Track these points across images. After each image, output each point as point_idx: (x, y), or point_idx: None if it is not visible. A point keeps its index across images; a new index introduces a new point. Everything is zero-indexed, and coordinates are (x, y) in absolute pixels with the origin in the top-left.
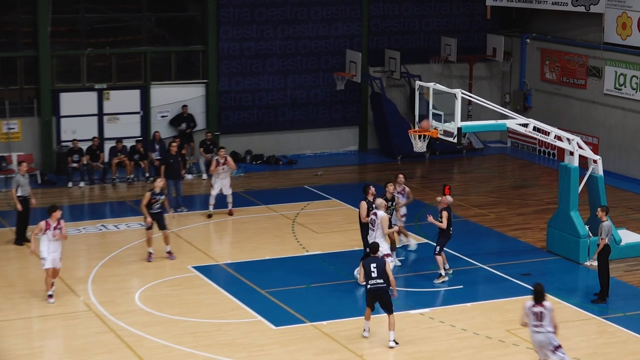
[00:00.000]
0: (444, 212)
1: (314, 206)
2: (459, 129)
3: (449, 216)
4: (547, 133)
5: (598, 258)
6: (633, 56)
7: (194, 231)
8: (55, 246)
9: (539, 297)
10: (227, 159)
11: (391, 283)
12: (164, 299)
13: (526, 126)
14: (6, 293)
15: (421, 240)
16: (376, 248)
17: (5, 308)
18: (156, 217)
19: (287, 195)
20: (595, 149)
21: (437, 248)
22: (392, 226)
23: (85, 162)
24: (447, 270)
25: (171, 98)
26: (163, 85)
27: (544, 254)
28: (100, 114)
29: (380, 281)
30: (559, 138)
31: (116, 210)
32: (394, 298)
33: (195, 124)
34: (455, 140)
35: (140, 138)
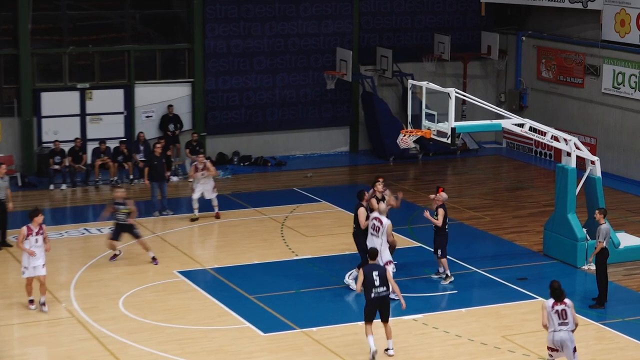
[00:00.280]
0: (440, 210)
1: (304, 209)
2: (453, 130)
3: (445, 214)
4: (544, 133)
5: (596, 262)
6: (632, 54)
7: (180, 235)
8: (38, 253)
9: (560, 295)
10: (207, 164)
11: (396, 291)
12: (149, 305)
13: (522, 126)
14: None
15: (414, 243)
16: (375, 254)
17: None
18: (123, 229)
19: (276, 197)
20: (593, 150)
21: (439, 252)
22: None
23: (67, 164)
24: (441, 273)
25: (156, 98)
26: (147, 84)
27: (541, 258)
28: (82, 114)
29: (383, 289)
30: (556, 138)
31: (99, 213)
32: (402, 309)
33: (181, 125)
34: (449, 140)
35: (124, 139)
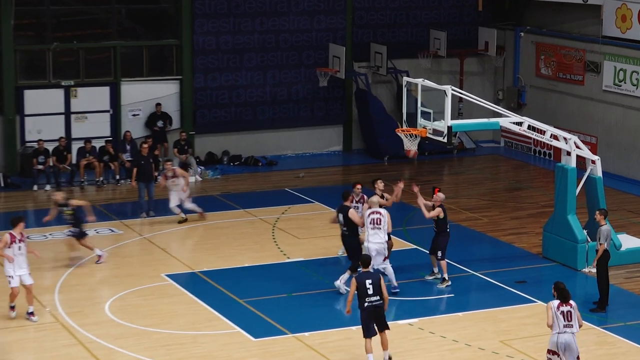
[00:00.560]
0: (438, 208)
1: (296, 210)
2: (449, 128)
3: (445, 213)
4: (543, 132)
5: (597, 264)
6: (633, 50)
7: (168, 237)
8: (20, 261)
9: (566, 296)
10: (176, 171)
11: (385, 300)
12: (136, 309)
13: (520, 125)
14: None
15: (409, 245)
16: (368, 261)
17: None
18: (76, 226)
19: (267, 198)
20: (593, 149)
21: (440, 253)
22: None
23: (51, 164)
24: (436, 274)
25: (143, 95)
26: (134, 81)
27: (540, 260)
28: (67, 113)
29: (377, 298)
30: (555, 137)
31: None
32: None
33: (171, 121)
34: (445, 139)
35: (110, 138)
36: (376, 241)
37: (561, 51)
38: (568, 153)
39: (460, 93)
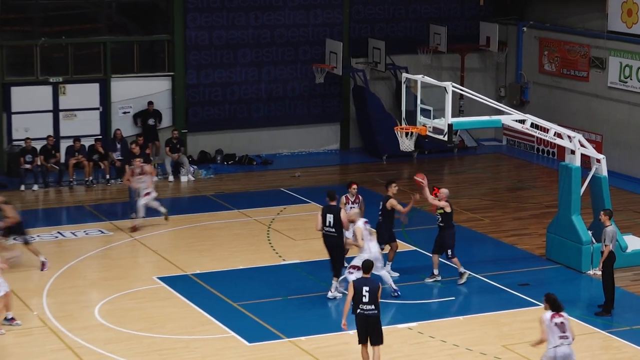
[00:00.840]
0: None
1: (291, 210)
2: (450, 126)
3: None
4: (546, 130)
5: (602, 266)
6: (639, 46)
7: (160, 238)
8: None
9: (558, 306)
10: (144, 168)
11: (344, 311)
12: (127, 313)
13: (523, 122)
14: None
15: (409, 247)
16: (370, 267)
17: None
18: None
19: (262, 198)
20: (598, 147)
21: (449, 251)
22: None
23: (39, 163)
24: (436, 275)
25: (134, 92)
26: (125, 78)
27: (543, 262)
28: (55, 110)
29: (371, 307)
30: (559, 135)
31: (73, 215)
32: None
33: (160, 118)
34: (445, 138)
35: (99, 136)
36: (373, 250)
37: (565, 47)
38: (572, 152)
39: (461, 90)
